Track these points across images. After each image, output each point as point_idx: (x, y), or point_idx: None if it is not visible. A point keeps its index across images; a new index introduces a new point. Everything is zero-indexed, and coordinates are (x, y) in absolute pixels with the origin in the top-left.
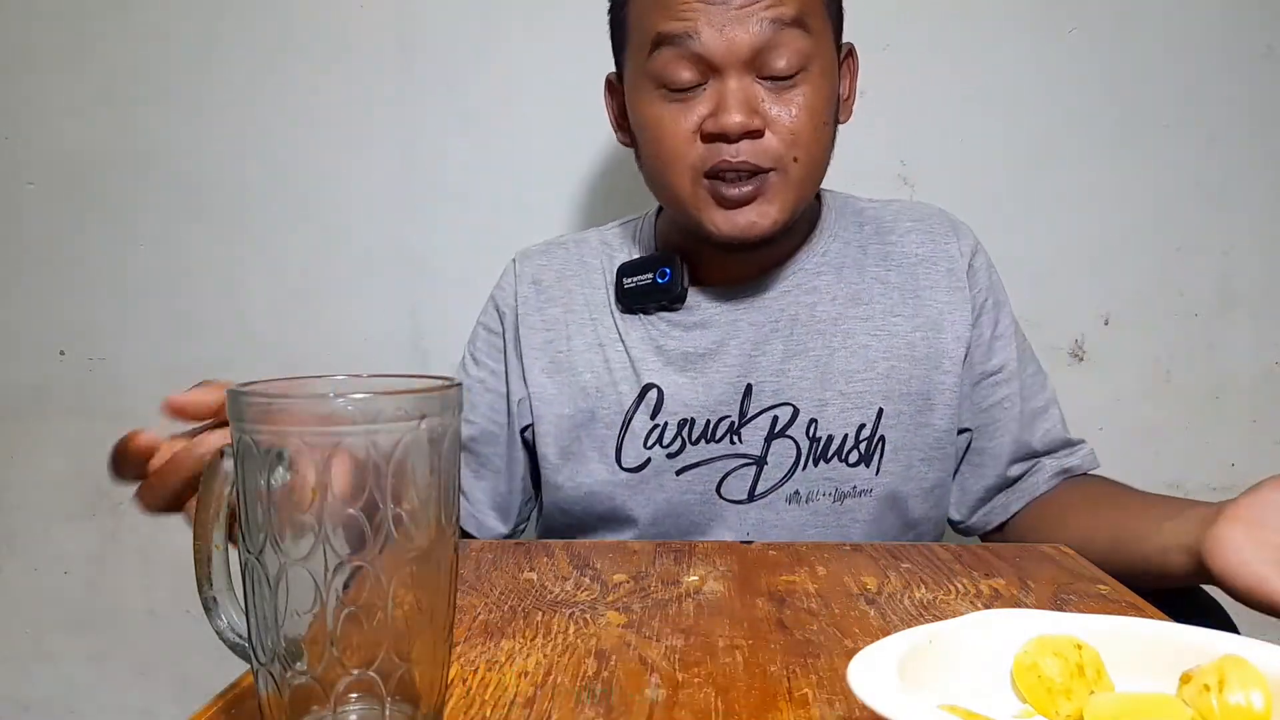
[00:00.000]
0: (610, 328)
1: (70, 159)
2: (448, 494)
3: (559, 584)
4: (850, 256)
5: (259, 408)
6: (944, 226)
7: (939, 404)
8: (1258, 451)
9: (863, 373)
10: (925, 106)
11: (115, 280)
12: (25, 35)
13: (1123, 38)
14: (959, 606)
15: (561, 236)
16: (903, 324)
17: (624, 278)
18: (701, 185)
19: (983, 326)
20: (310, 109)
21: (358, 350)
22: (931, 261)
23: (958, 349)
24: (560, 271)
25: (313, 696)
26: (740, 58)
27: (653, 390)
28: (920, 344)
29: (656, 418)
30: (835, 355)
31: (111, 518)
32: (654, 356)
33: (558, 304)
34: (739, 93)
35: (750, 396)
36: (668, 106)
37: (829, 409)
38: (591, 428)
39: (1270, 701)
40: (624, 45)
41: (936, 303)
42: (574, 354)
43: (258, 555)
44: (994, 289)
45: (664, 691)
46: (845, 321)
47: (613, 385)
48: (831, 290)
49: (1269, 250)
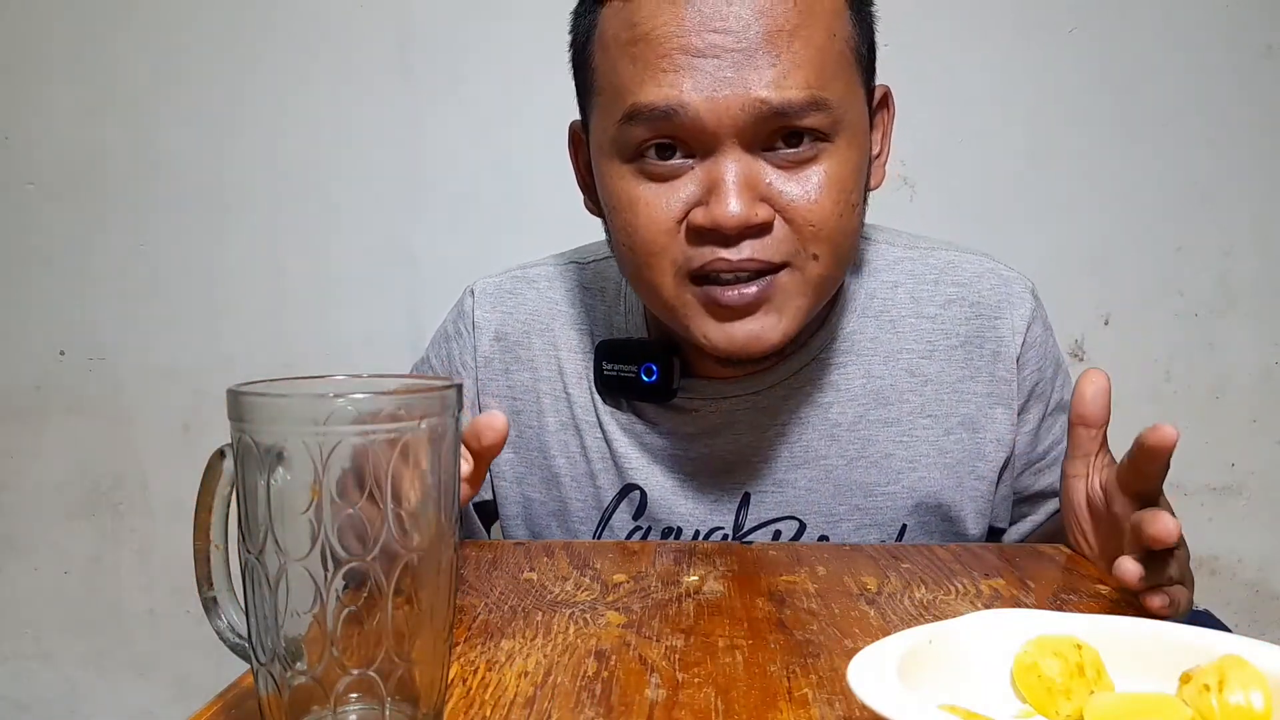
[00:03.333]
0: (587, 407)
1: (70, 159)
2: (448, 494)
3: (559, 584)
4: (879, 339)
5: (259, 408)
6: (995, 295)
7: (969, 514)
8: (1258, 451)
9: (884, 486)
10: (925, 106)
11: (115, 280)
12: (25, 35)
13: (1123, 37)
14: (959, 606)
15: (530, 267)
16: (933, 426)
17: (603, 360)
18: (689, 289)
19: (1031, 413)
20: (310, 109)
21: (358, 350)
22: (976, 344)
23: (997, 453)
24: (528, 323)
25: (313, 696)
26: (737, 131)
27: (635, 491)
28: (953, 449)
29: (639, 519)
30: (853, 466)
31: (111, 518)
32: (638, 453)
33: (526, 367)
34: (738, 174)
35: (748, 508)
36: (644, 186)
37: (843, 525)
38: (565, 519)
39: (1270, 701)
40: (589, 96)
41: (975, 396)
42: (545, 433)
43: (258, 555)
44: (1048, 363)
45: (664, 691)
46: (865, 426)
47: (590, 478)
48: (850, 387)
49: (1269, 250)
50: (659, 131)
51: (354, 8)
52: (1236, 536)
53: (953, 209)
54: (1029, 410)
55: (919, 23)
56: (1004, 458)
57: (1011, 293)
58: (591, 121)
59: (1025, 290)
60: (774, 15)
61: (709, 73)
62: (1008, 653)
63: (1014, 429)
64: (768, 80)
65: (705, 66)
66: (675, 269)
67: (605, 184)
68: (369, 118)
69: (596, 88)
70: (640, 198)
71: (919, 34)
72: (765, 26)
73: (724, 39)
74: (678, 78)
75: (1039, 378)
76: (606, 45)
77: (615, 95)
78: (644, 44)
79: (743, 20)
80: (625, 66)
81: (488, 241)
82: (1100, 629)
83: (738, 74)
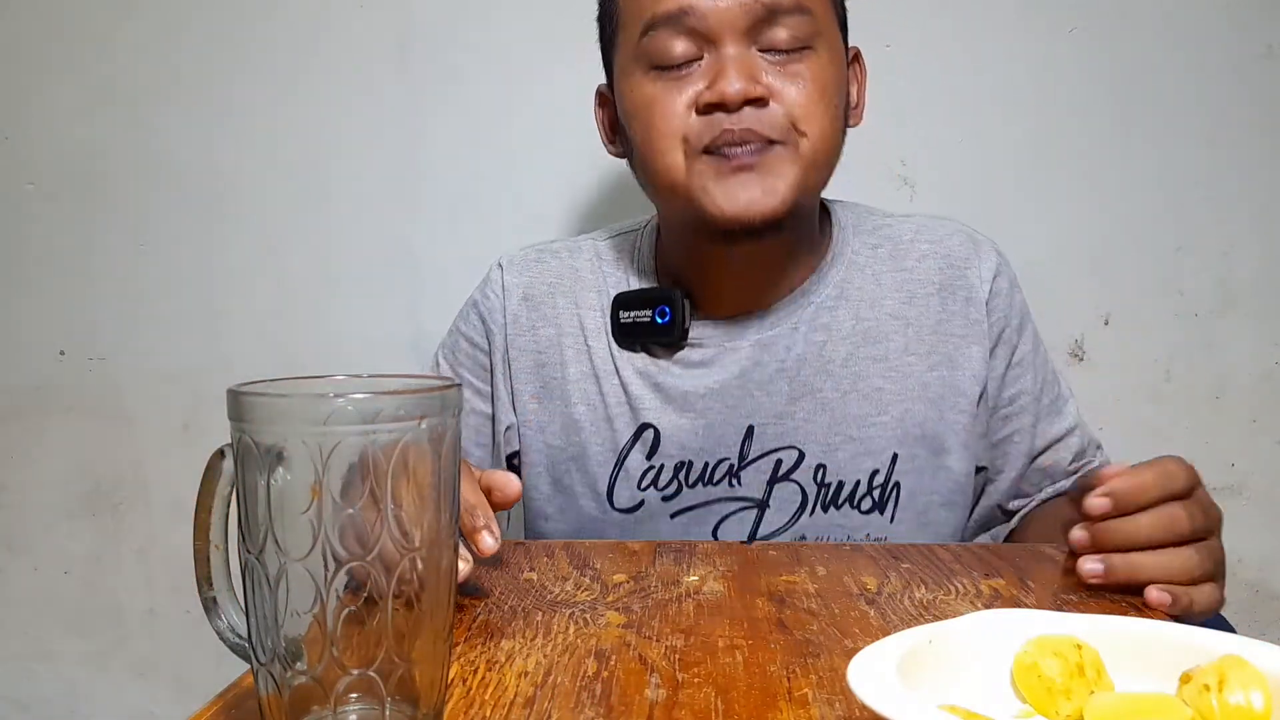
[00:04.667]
0: (606, 358)
1: (70, 159)
2: (448, 494)
3: (559, 584)
4: (864, 289)
5: (259, 408)
6: (964, 249)
7: (953, 446)
8: (1258, 451)
9: (875, 417)
10: (925, 106)
11: (115, 280)
12: (25, 35)
13: (1123, 37)
14: (959, 606)
15: (551, 242)
16: (918, 363)
17: (620, 310)
18: (700, 162)
19: (998, 358)
20: (309, 109)
21: (358, 350)
22: (951, 290)
23: (973, 386)
24: (552, 285)
25: (313, 696)
26: (738, 28)
27: (649, 430)
28: (935, 384)
29: (652, 459)
30: (846, 398)
31: (111, 518)
32: (651, 394)
33: (550, 324)
34: (739, 60)
35: (751, 438)
36: (660, 85)
37: (839, 454)
38: (583, 463)
39: (1270, 701)
40: (614, 37)
41: (952, 337)
42: (567, 383)
43: (258, 555)
44: (1013, 313)
45: (664, 691)
46: (857, 363)
47: (607, 421)
48: (842, 327)
49: (1269, 250)
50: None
51: (354, 8)
52: (1236, 536)
53: (953, 209)
54: (996, 355)
55: (919, 22)
56: (979, 391)
57: (979, 249)
58: (615, 60)
59: (991, 249)
60: None
61: None
62: (1008, 653)
63: (986, 365)
64: None
65: None
66: (688, 147)
67: (628, 98)
68: (369, 117)
69: (620, 23)
70: (657, 95)
71: (919, 34)
72: None
73: None
74: None
75: (1005, 324)
76: None
77: (635, 19)
78: None
79: None
80: None
81: (488, 241)
82: (1100, 629)
83: None
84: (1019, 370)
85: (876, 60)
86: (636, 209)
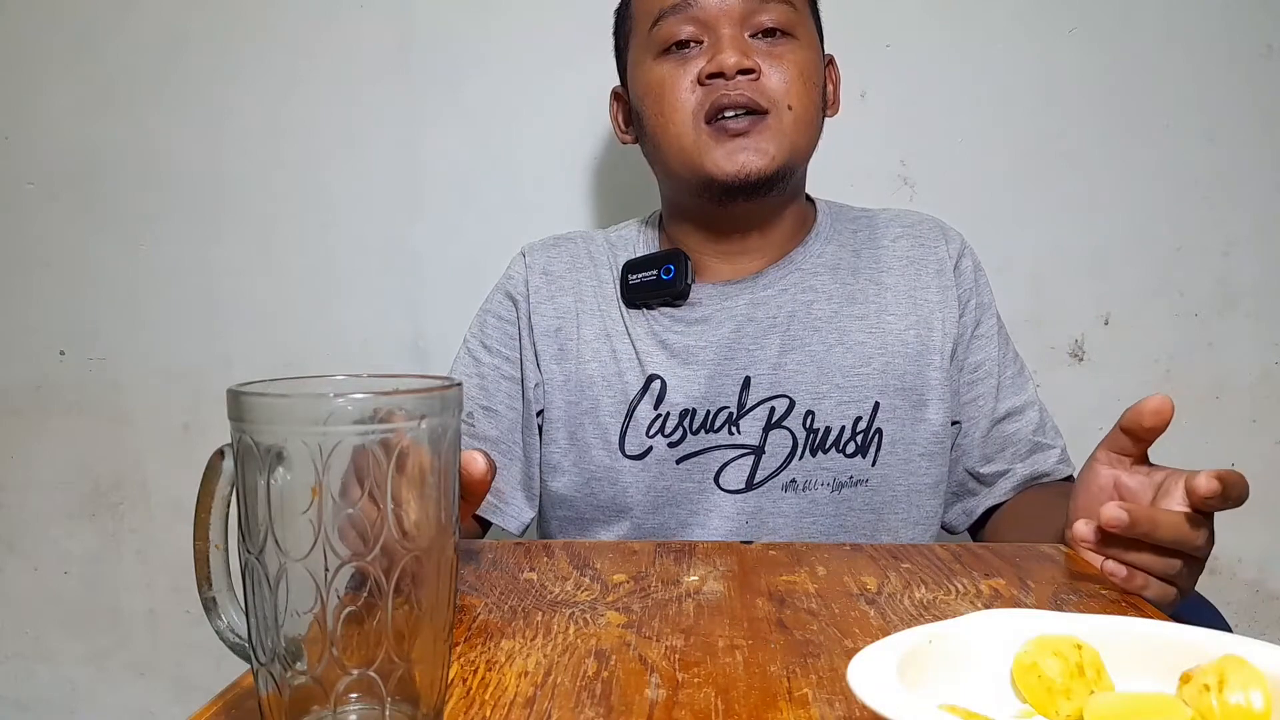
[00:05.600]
0: (617, 320)
1: (70, 159)
2: (448, 494)
3: (559, 584)
4: (845, 260)
5: (259, 408)
6: (933, 232)
7: (931, 398)
8: (1258, 451)
9: (859, 368)
10: (925, 106)
11: (115, 280)
12: (25, 35)
13: (1123, 37)
14: (959, 606)
15: (569, 232)
16: (896, 322)
17: (629, 274)
18: (703, 130)
19: (965, 323)
20: (310, 108)
21: (358, 350)
22: (922, 263)
23: (945, 344)
24: (570, 263)
25: (313, 696)
26: (732, 16)
27: (656, 381)
28: (913, 341)
29: (659, 407)
30: (831, 351)
31: (111, 518)
32: (658, 349)
33: (568, 294)
34: (734, 39)
35: (748, 388)
36: (669, 66)
37: (826, 401)
38: (596, 415)
39: (1270, 701)
40: (629, 37)
41: (928, 302)
42: (582, 343)
43: (258, 555)
44: (980, 290)
45: (664, 691)
46: (841, 320)
47: (618, 375)
48: (827, 290)
49: (1269, 250)
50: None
51: (354, 8)
52: (1236, 536)
53: (952, 209)
54: (963, 321)
55: (919, 23)
56: (950, 349)
57: (947, 233)
58: (630, 56)
59: (957, 236)
60: None
61: None
62: (1008, 653)
63: (957, 325)
64: None
65: None
66: (692, 117)
67: (641, 84)
68: (369, 118)
69: (634, 23)
70: (667, 74)
71: (919, 34)
72: None
73: None
74: None
75: (971, 297)
76: None
77: (648, 15)
78: None
79: None
80: None
81: (488, 241)
82: (1100, 629)
83: None
84: (982, 341)
85: (877, 60)
86: (637, 208)
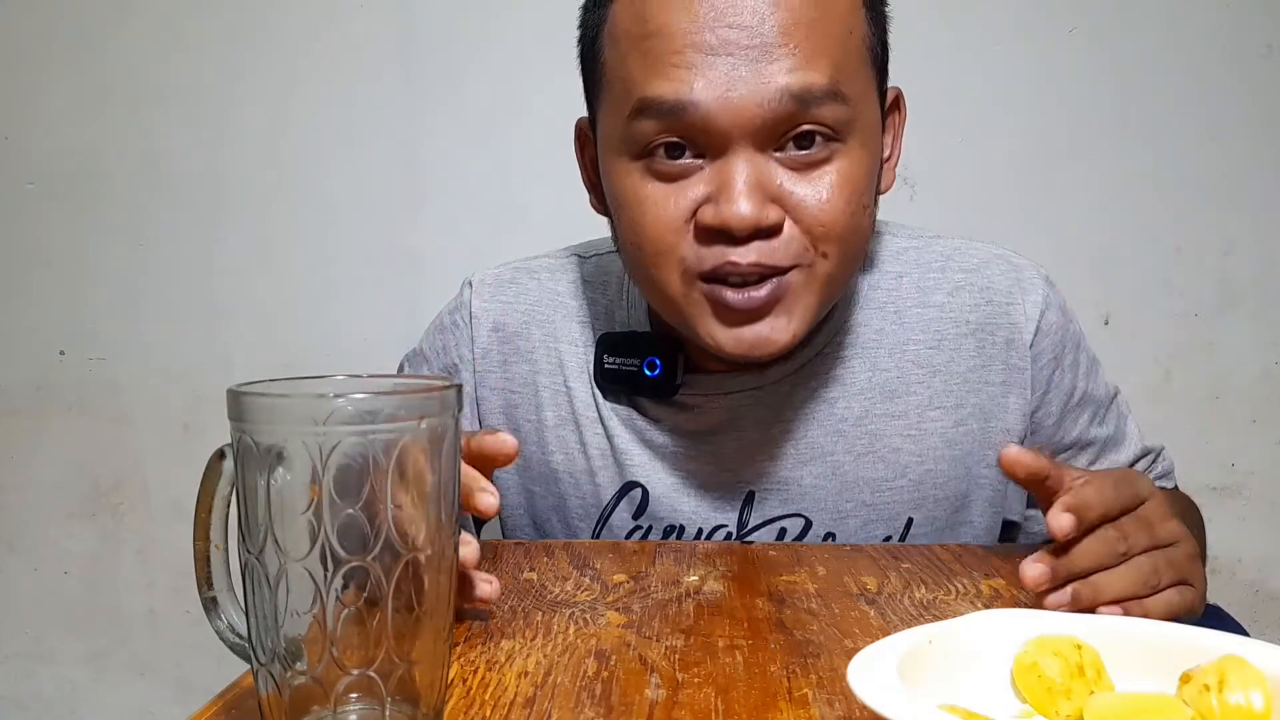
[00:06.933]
0: (588, 403)
1: (70, 159)
2: (448, 494)
3: (559, 584)
4: (885, 330)
5: (259, 408)
6: (1006, 281)
7: (977, 501)
8: (1258, 451)
9: (892, 481)
10: (925, 106)
11: (115, 280)
12: (25, 35)
13: (1123, 37)
14: (959, 606)
15: (531, 259)
16: (943, 418)
17: (605, 354)
18: (696, 289)
19: (1051, 404)
20: (310, 108)
21: (358, 350)
22: (988, 331)
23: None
24: (528, 315)
25: (313, 696)
26: (751, 131)
27: (637, 489)
28: (961, 440)
29: (640, 519)
30: (860, 462)
31: (111, 518)
32: (638, 447)
33: (524, 360)
34: (749, 175)
35: (752, 506)
36: (653, 185)
37: (849, 521)
38: (564, 514)
39: (1270, 701)
40: (598, 93)
41: (988, 386)
42: (544, 429)
43: (258, 555)
44: (1065, 349)
45: (664, 691)
46: (872, 420)
47: (589, 475)
48: (857, 380)
49: (1269, 250)
50: (667, 128)
51: (354, 8)
52: (1236, 536)
53: (953, 209)
54: (1049, 401)
55: (919, 23)
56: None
57: (1023, 278)
58: (600, 118)
59: (1037, 276)
60: (790, 8)
61: (722, 71)
62: (1008, 653)
63: (1025, 419)
64: (787, 67)
65: (718, 65)
66: (682, 269)
67: (612, 182)
68: (369, 118)
69: (605, 83)
70: (648, 196)
71: (919, 34)
72: (781, 20)
73: (738, 34)
74: (689, 74)
75: (1056, 365)
76: (617, 40)
77: (624, 91)
78: (655, 39)
79: (758, 14)
80: (635, 61)
81: (488, 241)
82: (1100, 629)
83: (752, 71)
84: (1080, 410)
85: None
86: None
